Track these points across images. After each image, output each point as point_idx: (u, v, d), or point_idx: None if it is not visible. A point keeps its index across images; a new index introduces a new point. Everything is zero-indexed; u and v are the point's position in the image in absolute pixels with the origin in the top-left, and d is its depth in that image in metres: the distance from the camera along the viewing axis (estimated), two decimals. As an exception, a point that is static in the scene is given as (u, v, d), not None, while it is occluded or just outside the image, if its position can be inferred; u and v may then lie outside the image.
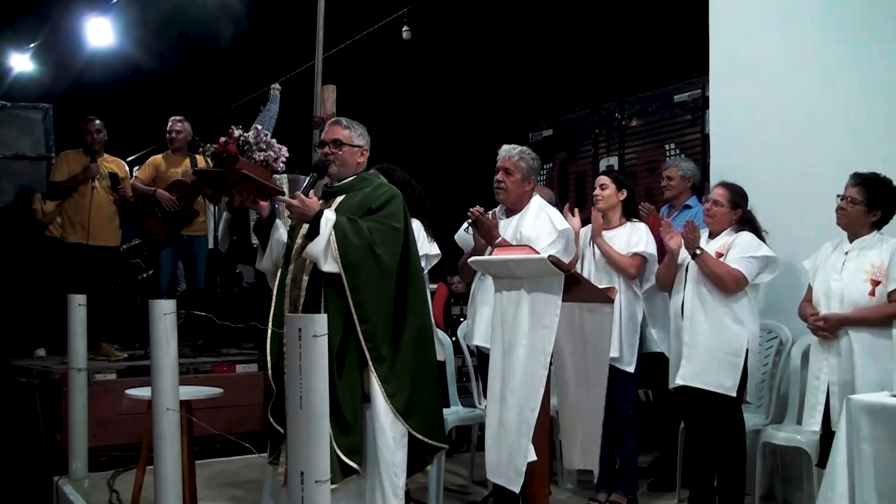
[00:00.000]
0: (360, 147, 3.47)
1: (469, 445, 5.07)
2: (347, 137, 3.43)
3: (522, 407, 3.05)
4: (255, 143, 3.32)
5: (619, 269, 4.20)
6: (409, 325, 3.32)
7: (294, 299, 3.33)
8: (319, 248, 3.17)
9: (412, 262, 3.38)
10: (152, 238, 6.16)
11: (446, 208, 5.12)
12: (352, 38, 8.31)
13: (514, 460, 3.06)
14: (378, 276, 3.24)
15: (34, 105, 7.56)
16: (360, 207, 3.33)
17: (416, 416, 3.29)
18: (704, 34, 4.97)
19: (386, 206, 3.32)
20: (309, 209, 3.23)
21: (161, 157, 6.19)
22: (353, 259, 3.18)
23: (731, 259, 3.88)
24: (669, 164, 5.24)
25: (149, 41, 9.12)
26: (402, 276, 3.32)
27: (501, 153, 4.04)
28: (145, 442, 3.81)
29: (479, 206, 3.95)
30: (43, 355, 6.31)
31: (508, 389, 3.12)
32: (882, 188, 3.58)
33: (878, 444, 2.87)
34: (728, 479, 3.90)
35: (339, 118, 3.54)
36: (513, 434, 3.07)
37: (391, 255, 3.27)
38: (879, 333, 3.44)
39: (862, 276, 3.55)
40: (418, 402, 3.31)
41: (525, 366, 3.07)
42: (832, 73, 4.34)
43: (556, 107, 8.01)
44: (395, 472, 3.24)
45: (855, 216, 3.60)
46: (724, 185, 4.09)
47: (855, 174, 3.63)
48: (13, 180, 7.21)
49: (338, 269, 3.17)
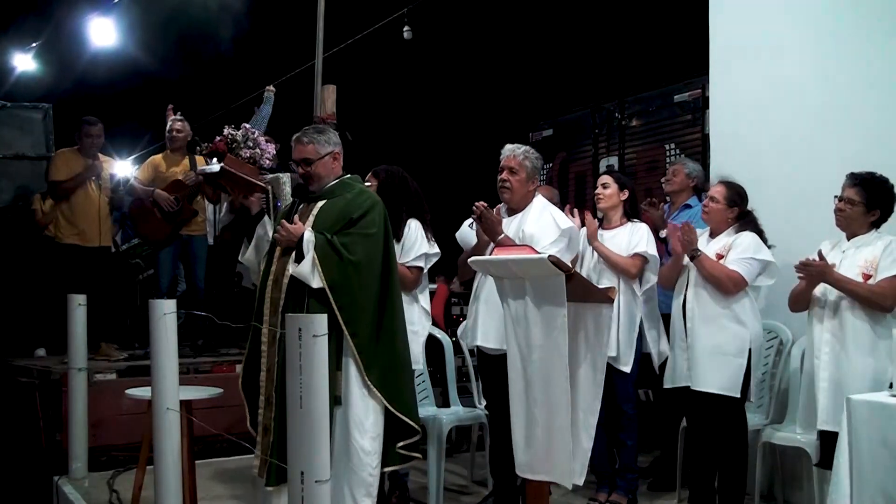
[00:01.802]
0: (331, 153, 3.50)
1: (469, 445, 5.06)
2: (314, 152, 3.47)
3: (556, 411, 3.03)
4: (242, 140, 3.41)
5: (619, 270, 4.19)
6: (390, 323, 3.41)
7: (274, 301, 3.40)
8: (307, 270, 3.28)
9: (392, 264, 3.47)
10: (152, 238, 6.16)
11: (447, 208, 5.12)
12: (352, 38, 8.31)
13: (574, 457, 3.03)
14: (359, 287, 3.33)
15: (34, 105, 7.57)
16: (343, 216, 3.40)
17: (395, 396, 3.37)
18: (704, 34, 4.97)
19: (366, 216, 3.39)
20: (294, 236, 3.34)
21: (160, 157, 6.18)
22: (334, 278, 3.28)
23: (731, 260, 3.88)
24: (679, 161, 5.26)
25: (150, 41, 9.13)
26: (385, 279, 3.41)
27: (505, 152, 4.03)
28: (145, 442, 3.81)
29: (482, 202, 3.94)
30: (43, 355, 6.31)
31: (538, 391, 3.10)
32: (879, 188, 3.58)
33: (878, 443, 2.87)
34: (729, 478, 3.89)
35: (298, 135, 3.53)
36: (553, 439, 3.05)
37: (368, 260, 3.35)
38: (875, 331, 3.46)
39: (856, 270, 3.56)
40: (396, 385, 3.40)
41: (547, 369, 3.06)
42: (833, 73, 4.34)
43: (556, 107, 8.01)
44: (368, 471, 3.30)
45: (854, 217, 3.61)
46: (723, 182, 4.09)
47: (851, 175, 3.63)
48: (13, 180, 7.22)
49: (323, 286, 3.28)
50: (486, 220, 3.86)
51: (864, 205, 3.58)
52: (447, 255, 4.31)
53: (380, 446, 3.36)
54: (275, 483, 3.26)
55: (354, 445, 3.30)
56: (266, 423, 3.36)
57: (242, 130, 3.45)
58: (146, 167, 6.16)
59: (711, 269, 3.86)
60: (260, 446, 3.38)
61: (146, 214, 6.01)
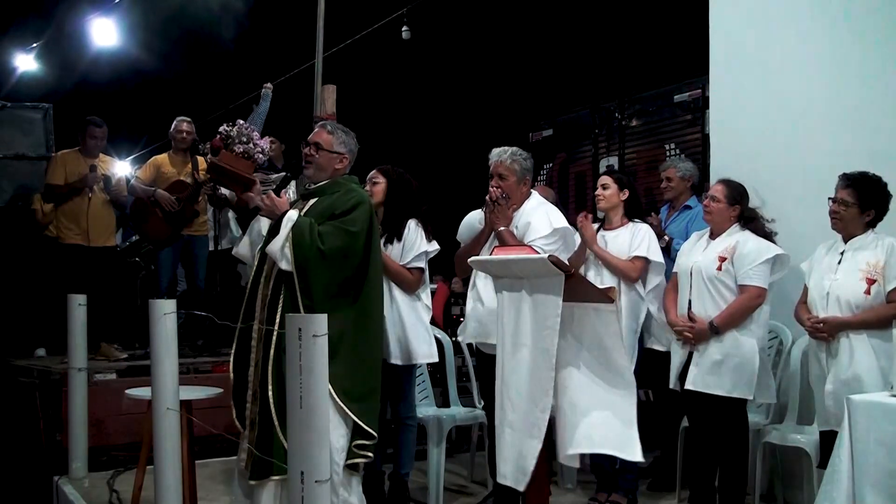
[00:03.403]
0: (340, 154, 3.52)
1: (469, 445, 5.07)
2: (328, 143, 3.51)
3: (531, 408, 3.04)
4: (236, 136, 3.47)
5: (619, 274, 4.19)
6: (361, 324, 3.37)
7: (264, 297, 3.41)
8: (277, 247, 3.28)
9: (370, 268, 3.42)
10: (153, 238, 6.16)
11: (446, 208, 5.12)
12: (352, 38, 8.32)
13: (522, 460, 3.06)
14: (326, 278, 3.28)
15: (34, 105, 7.56)
16: (327, 211, 3.40)
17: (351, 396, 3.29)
18: (704, 34, 4.97)
19: (350, 212, 3.38)
20: (277, 208, 3.36)
21: (163, 158, 6.17)
22: (301, 260, 3.26)
23: (743, 273, 3.83)
24: (667, 164, 5.19)
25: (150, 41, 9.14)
26: (359, 278, 3.37)
27: (492, 158, 3.99)
28: (145, 442, 3.81)
29: (500, 189, 3.91)
30: (43, 355, 6.31)
31: (514, 391, 3.11)
32: (873, 187, 3.57)
33: (878, 443, 2.87)
34: (729, 478, 3.89)
35: (327, 122, 3.62)
36: (521, 435, 3.07)
37: (341, 253, 3.31)
38: (879, 334, 3.44)
39: (857, 274, 3.54)
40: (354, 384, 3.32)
41: (531, 367, 3.07)
42: (833, 73, 4.34)
43: (556, 107, 8.01)
44: (334, 468, 3.22)
45: (849, 218, 3.59)
46: (722, 181, 4.08)
47: (843, 176, 3.61)
48: (13, 180, 7.21)
49: (290, 268, 3.26)
50: (498, 208, 3.85)
51: (858, 206, 3.57)
52: (447, 255, 4.31)
53: (344, 433, 3.29)
54: (258, 477, 3.27)
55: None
56: (252, 418, 3.37)
57: (237, 127, 3.51)
58: (148, 167, 6.15)
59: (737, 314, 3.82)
60: (247, 440, 3.38)
61: (147, 214, 6.01)
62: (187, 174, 6.06)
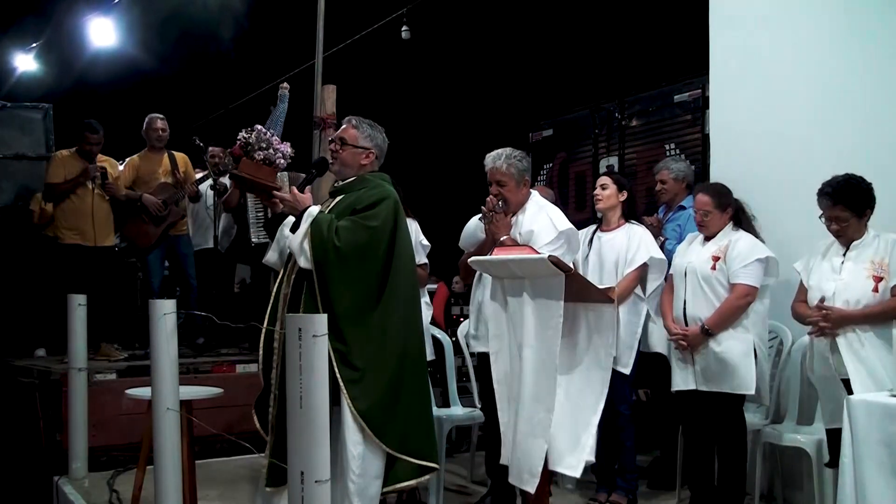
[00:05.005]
0: (365, 149, 3.45)
1: (469, 445, 5.06)
2: (352, 138, 3.44)
3: (536, 408, 3.04)
4: (255, 142, 3.38)
5: (627, 296, 4.17)
6: (387, 328, 3.22)
7: (286, 296, 3.34)
8: (297, 243, 3.22)
9: (395, 261, 3.28)
10: (139, 243, 6.13)
11: (446, 208, 5.12)
12: (352, 38, 8.32)
13: (529, 461, 3.06)
14: (345, 276, 3.17)
15: (34, 105, 7.56)
16: (348, 208, 3.31)
17: (387, 427, 3.15)
18: (704, 34, 4.97)
19: (371, 208, 3.26)
20: (299, 204, 3.30)
21: (138, 158, 6.15)
22: (320, 256, 3.16)
23: (733, 272, 3.87)
24: (660, 166, 5.12)
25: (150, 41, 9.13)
26: (384, 276, 3.24)
27: (488, 164, 3.94)
28: (145, 442, 3.81)
29: (493, 197, 3.87)
30: (43, 355, 6.31)
31: (521, 392, 3.11)
32: (859, 192, 3.55)
33: (878, 443, 2.86)
34: (729, 478, 3.90)
35: (353, 117, 3.51)
36: (528, 436, 3.07)
37: (358, 249, 3.18)
38: (882, 333, 3.43)
39: (864, 273, 3.54)
40: (390, 410, 3.18)
41: (536, 368, 3.07)
42: (832, 73, 4.34)
43: (556, 107, 8.00)
44: (364, 482, 3.12)
45: (853, 229, 3.59)
46: (704, 191, 4.07)
47: (826, 195, 3.56)
48: (13, 180, 7.21)
49: (310, 265, 3.18)
50: (496, 217, 3.84)
51: (856, 215, 3.57)
52: (447, 255, 4.31)
53: (381, 455, 3.17)
54: (274, 484, 3.20)
55: (346, 452, 3.15)
56: (273, 423, 3.27)
57: (256, 132, 3.41)
58: (128, 169, 6.13)
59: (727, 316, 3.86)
60: (269, 446, 3.28)
61: (132, 218, 6.00)
62: (167, 173, 6.06)
